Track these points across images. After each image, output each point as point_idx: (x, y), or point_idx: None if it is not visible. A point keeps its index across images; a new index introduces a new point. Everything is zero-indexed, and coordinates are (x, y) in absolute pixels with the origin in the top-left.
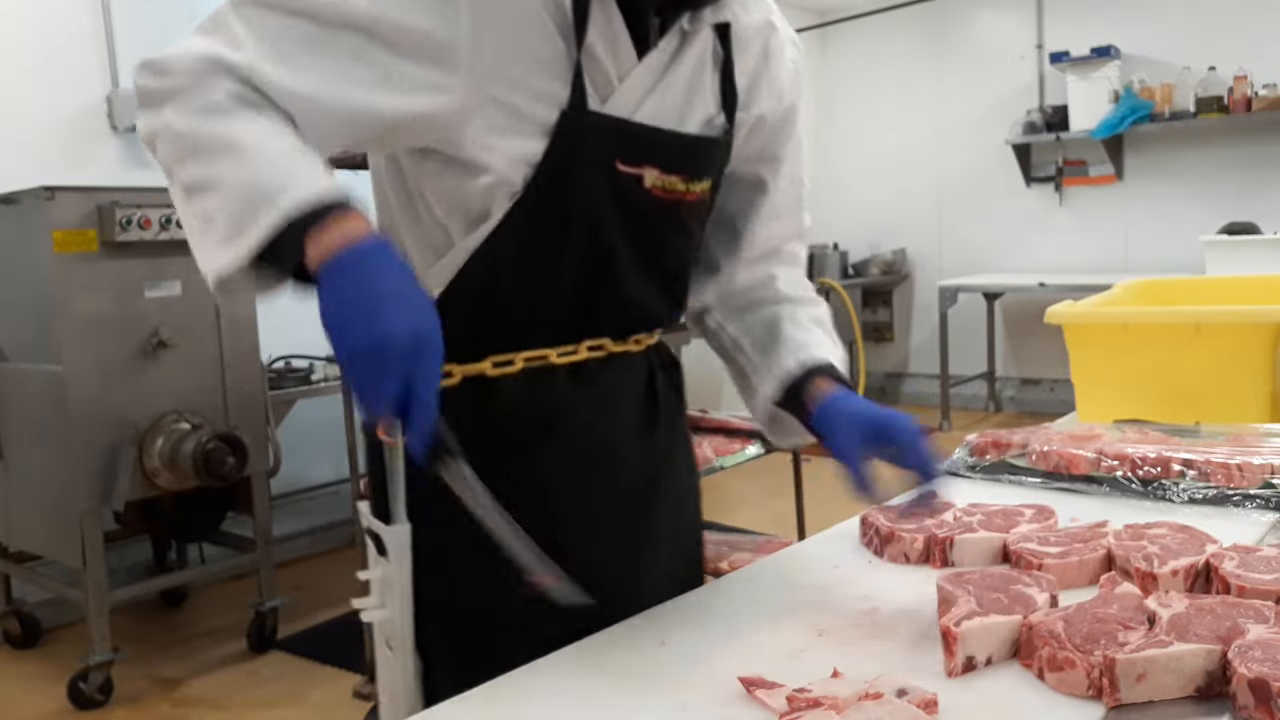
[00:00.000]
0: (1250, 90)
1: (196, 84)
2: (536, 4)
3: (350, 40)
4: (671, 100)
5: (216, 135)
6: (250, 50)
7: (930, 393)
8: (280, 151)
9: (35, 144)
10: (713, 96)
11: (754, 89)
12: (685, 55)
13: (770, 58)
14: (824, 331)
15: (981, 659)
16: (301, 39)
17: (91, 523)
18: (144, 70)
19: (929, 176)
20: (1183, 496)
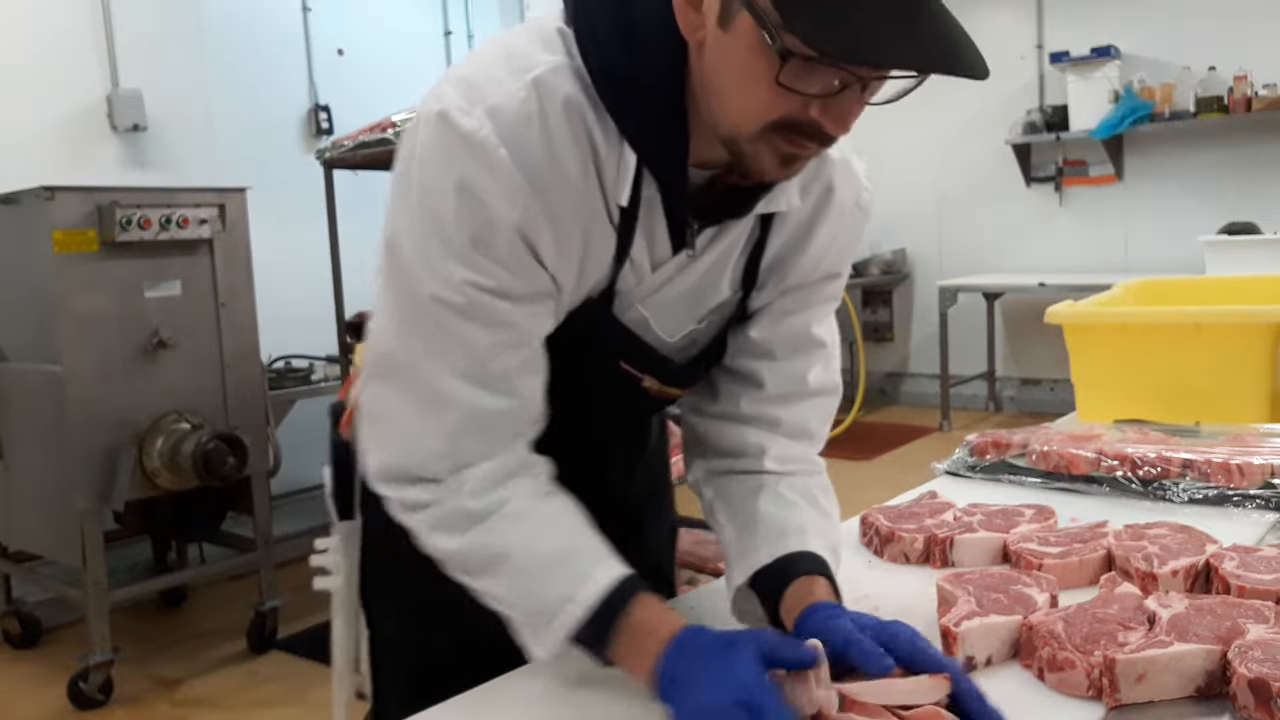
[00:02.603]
0: (1250, 90)
1: (439, 500)
2: (600, 207)
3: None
4: (684, 293)
5: (469, 549)
6: (450, 402)
7: (930, 393)
8: (547, 559)
9: (35, 144)
10: (731, 283)
11: (785, 264)
12: (717, 246)
13: (816, 228)
14: (811, 506)
15: (981, 659)
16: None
17: (91, 523)
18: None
19: (929, 176)
20: (1183, 496)
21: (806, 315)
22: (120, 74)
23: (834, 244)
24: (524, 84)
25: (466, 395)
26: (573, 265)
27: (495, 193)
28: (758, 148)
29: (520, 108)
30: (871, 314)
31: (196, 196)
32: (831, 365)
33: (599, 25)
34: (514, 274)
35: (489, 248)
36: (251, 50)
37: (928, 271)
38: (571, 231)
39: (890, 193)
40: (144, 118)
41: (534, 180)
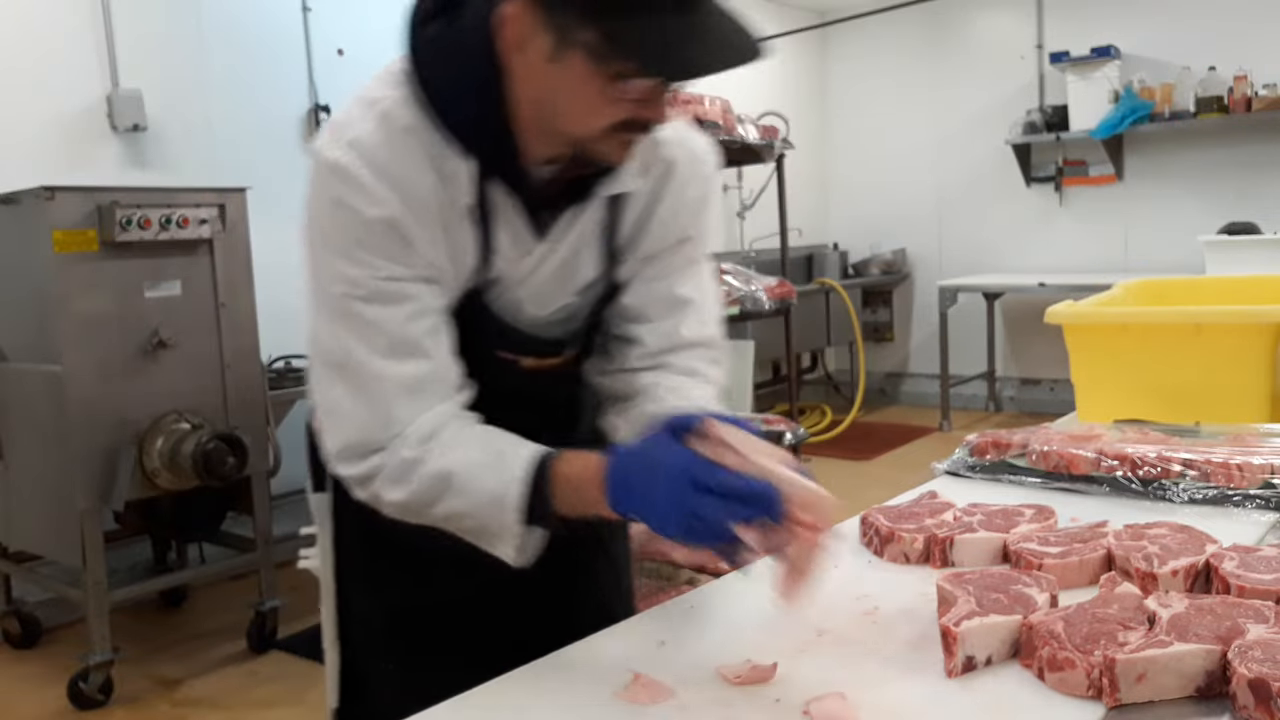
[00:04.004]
0: (1250, 90)
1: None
2: (470, 205)
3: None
4: (554, 273)
5: (420, 489)
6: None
7: (930, 393)
8: (481, 462)
9: (35, 144)
10: (595, 262)
11: (638, 236)
12: (575, 228)
13: (660, 200)
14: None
15: (981, 659)
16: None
17: (91, 523)
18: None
19: (929, 176)
20: (1183, 496)
21: (669, 280)
22: (120, 74)
23: (681, 212)
24: (373, 116)
25: (389, 369)
26: (443, 255)
27: (363, 201)
28: (602, 145)
29: (372, 135)
30: (871, 314)
31: (196, 196)
32: (705, 318)
33: (430, 61)
34: (397, 261)
35: (370, 245)
36: (251, 50)
37: (928, 271)
38: (433, 227)
39: (890, 193)
40: (144, 118)
41: (393, 186)
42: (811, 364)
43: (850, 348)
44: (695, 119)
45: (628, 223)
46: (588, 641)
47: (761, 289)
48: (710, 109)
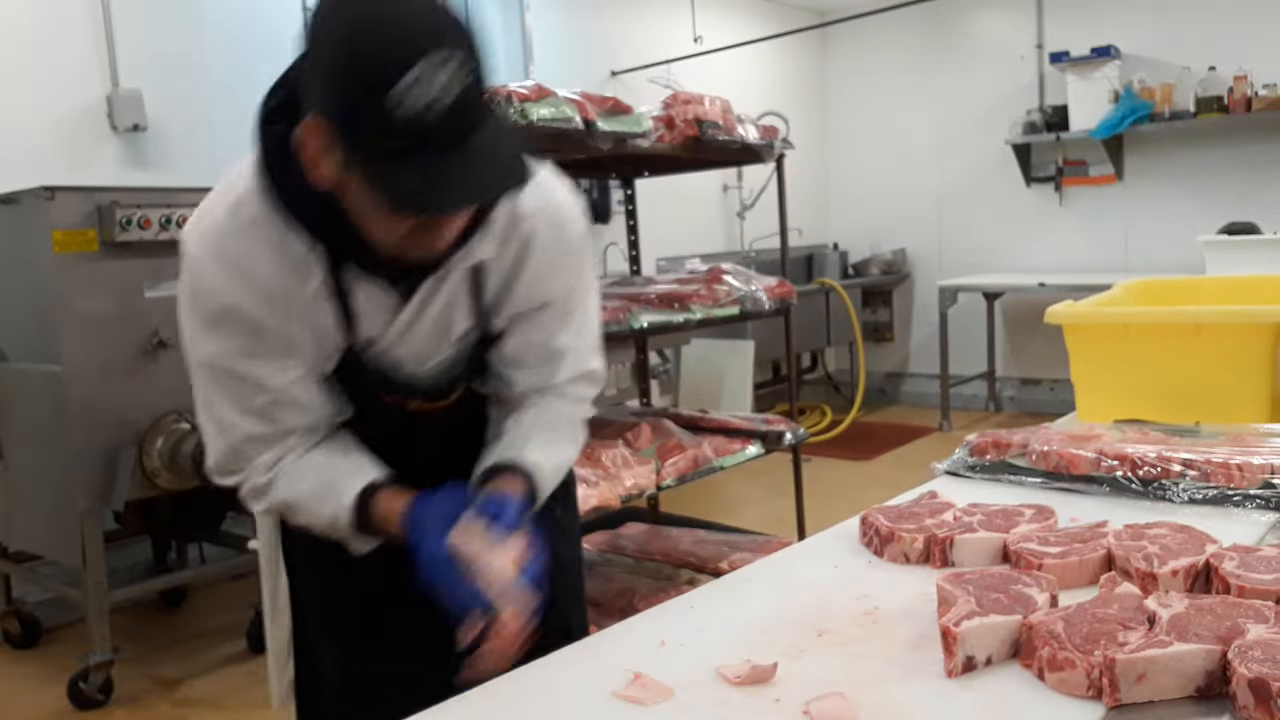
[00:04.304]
0: (1250, 90)
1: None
2: (318, 287)
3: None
4: (427, 333)
5: (274, 506)
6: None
7: (930, 393)
8: (316, 495)
9: (35, 144)
10: (466, 316)
11: (504, 298)
12: (441, 292)
13: (522, 269)
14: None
15: (981, 659)
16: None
17: (91, 523)
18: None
19: (929, 176)
20: (1183, 496)
21: (545, 332)
22: (120, 74)
23: (544, 278)
24: (225, 207)
25: (239, 421)
26: (304, 328)
27: (212, 289)
28: (405, 247)
29: (222, 226)
30: (871, 314)
31: (196, 196)
32: (582, 356)
33: (275, 159)
34: (244, 341)
35: (219, 327)
36: (251, 50)
37: (928, 271)
38: (283, 309)
39: (890, 193)
40: (144, 118)
41: (237, 276)
42: (811, 364)
43: (850, 348)
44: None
45: (491, 287)
46: (588, 641)
47: (761, 289)
48: (710, 109)
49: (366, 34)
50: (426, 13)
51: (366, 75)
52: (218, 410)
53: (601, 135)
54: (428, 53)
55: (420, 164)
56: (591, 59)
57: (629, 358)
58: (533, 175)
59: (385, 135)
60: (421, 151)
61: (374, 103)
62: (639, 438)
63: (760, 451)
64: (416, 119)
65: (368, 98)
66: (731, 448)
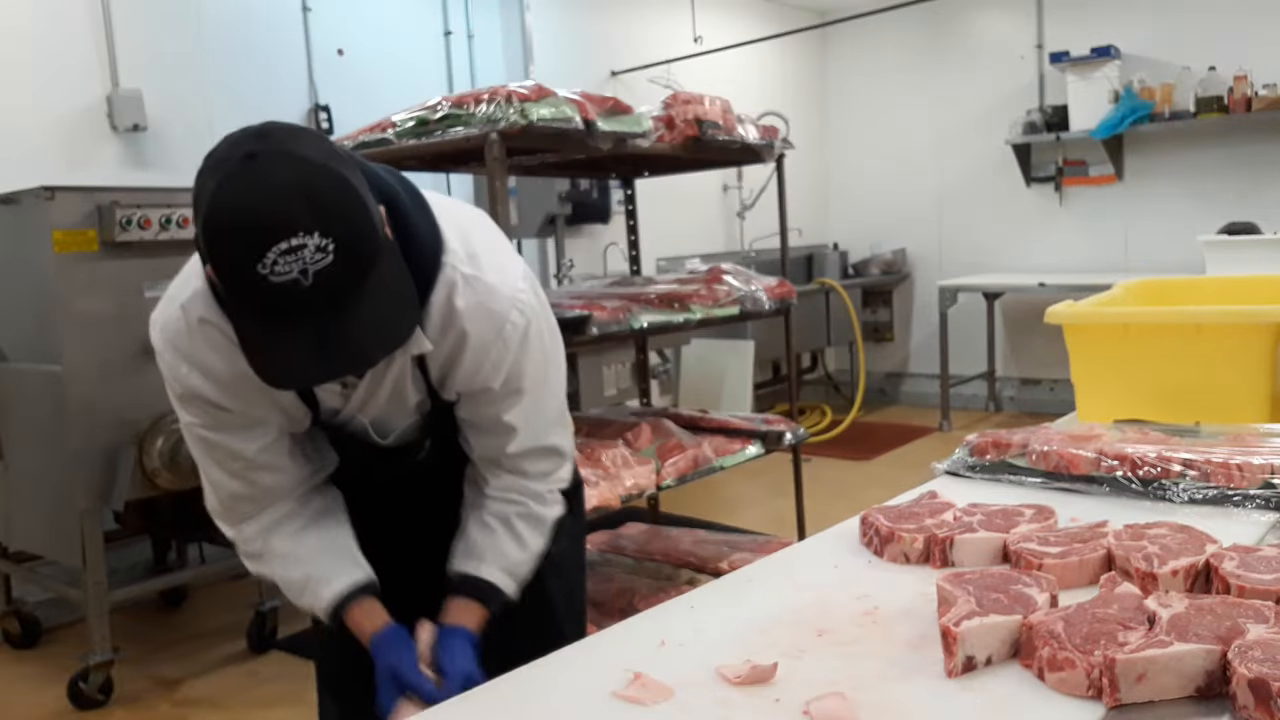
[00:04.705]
0: (1250, 90)
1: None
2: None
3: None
4: (385, 404)
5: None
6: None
7: (930, 393)
8: (298, 585)
9: (35, 144)
10: (417, 389)
11: (446, 381)
12: (388, 375)
13: (458, 363)
14: (506, 531)
15: (981, 659)
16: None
17: (91, 523)
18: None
19: (929, 176)
20: (1183, 496)
21: (494, 408)
22: (120, 74)
23: (482, 370)
24: (176, 309)
25: (224, 481)
26: (265, 406)
27: (172, 376)
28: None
29: (175, 325)
30: (871, 314)
31: None
32: (530, 436)
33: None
34: (211, 418)
35: (187, 402)
36: (251, 50)
37: (928, 271)
38: (240, 389)
39: (890, 193)
40: (144, 118)
41: (194, 366)
42: (811, 364)
43: (850, 348)
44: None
45: (434, 368)
46: (588, 641)
47: (761, 289)
48: (710, 109)
49: (220, 219)
50: (281, 192)
51: (224, 256)
52: (204, 465)
53: (601, 135)
54: (277, 240)
55: (281, 336)
56: (591, 59)
57: (629, 358)
58: (450, 264)
59: (246, 306)
60: (282, 323)
61: (233, 279)
62: (639, 438)
63: (760, 451)
64: (273, 296)
65: (228, 274)
66: (731, 448)
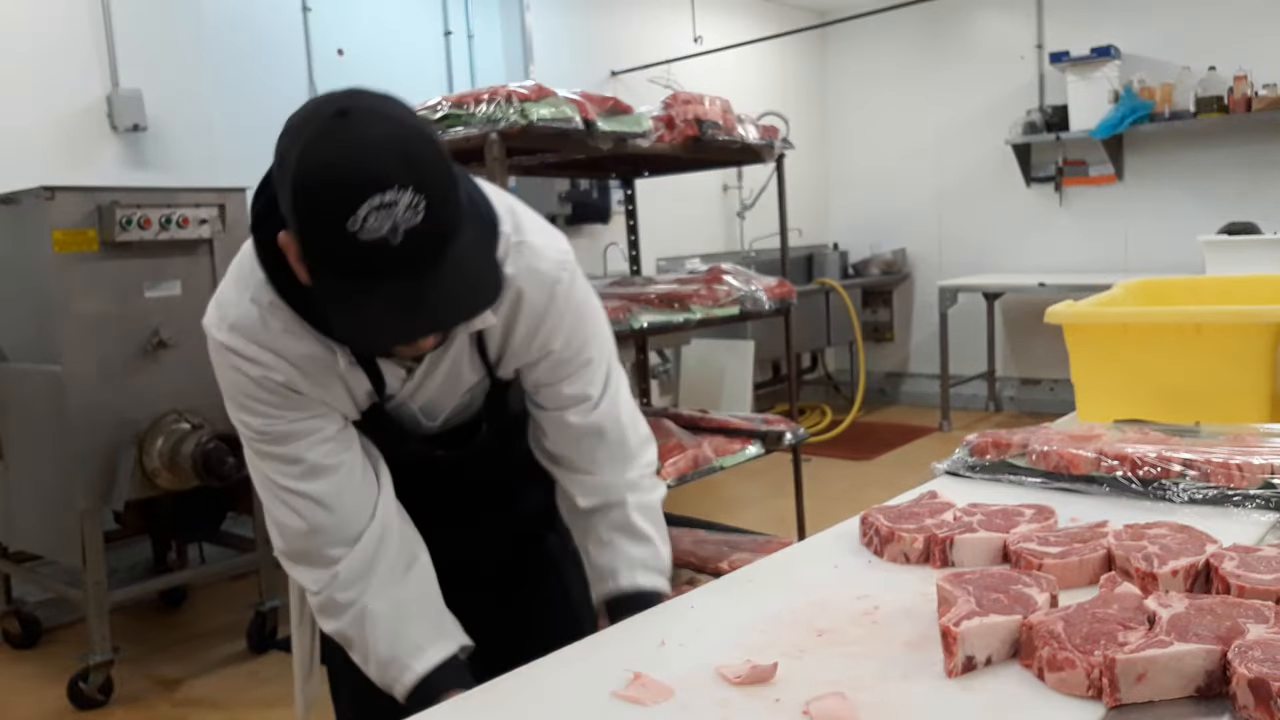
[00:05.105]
0: (1250, 90)
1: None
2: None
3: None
4: (438, 388)
5: (344, 631)
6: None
7: (930, 393)
8: (380, 660)
9: (35, 144)
10: (473, 370)
11: (505, 354)
12: (447, 355)
13: (514, 328)
14: (625, 538)
15: (981, 659)
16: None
17: (91, 523)
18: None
19: (929, 176)
20: (1183, 496)
21: (557, 384)
22: (120, 74)
23: (539, 333)
24: (246, 301)
25: (304, 485)
26: (339, 391)
27: (249, 367)
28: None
29: (248, 318)
30: (871, 314)
31: (196, 196)
32: (595, 413)
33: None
34: (288, 408)
35: (263, 399)
36: (251, 50)
37: (928, 271)
38: (321, 376)
39: (890, 193)
40: (144, 118)
41: (274, 353)
42: (811, 364)
43: (850, 348)
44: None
45: (492, 346)
46: (588, 641)
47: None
48: (710, 109)
49: (314, 173)
50: (375, 147)
51: (315, 211)
52: (282, 480)
53: (601, 135)
54: (371, 194)
55: (371, 295)
56: (591, 59)
57: (629, 358)
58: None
59: (334, 265)
60: (372, 282)
61: (322, 237)
62: None
63: (760, 451)
64: (363, 253)
65: (317, 232)
66: (731, 448)
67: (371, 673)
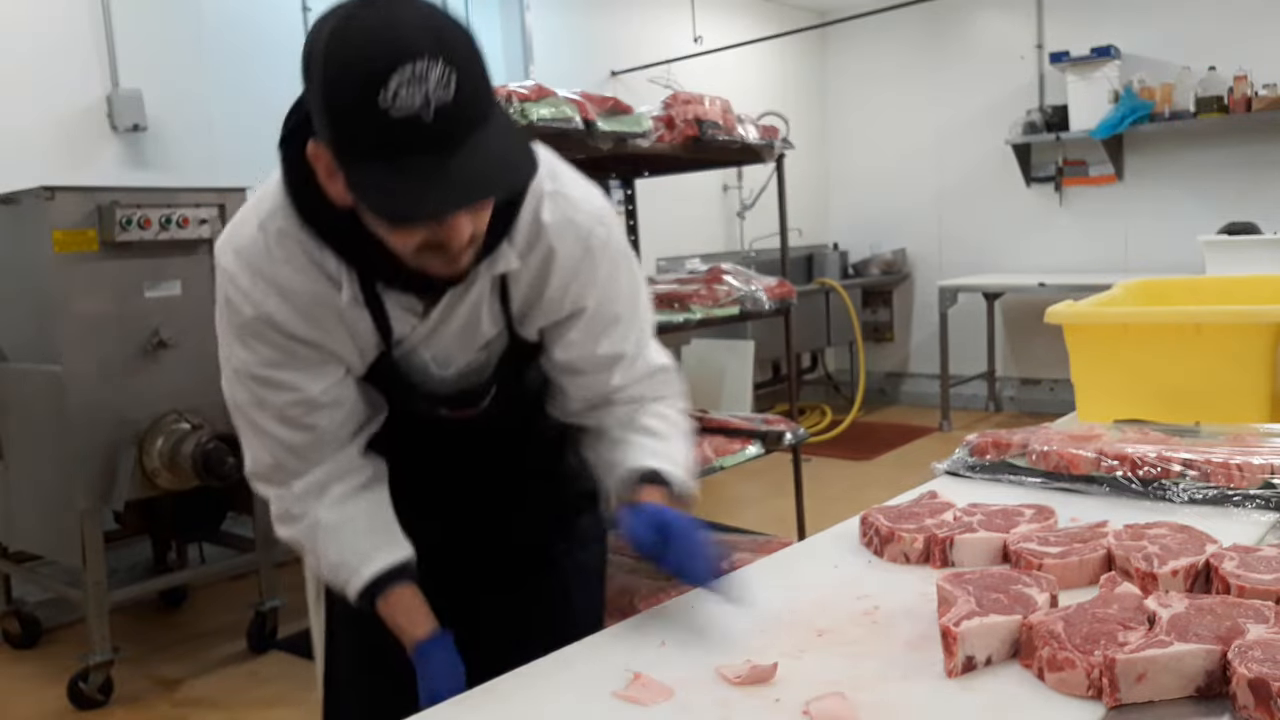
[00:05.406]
0: (1250, 90)
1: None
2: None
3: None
4: (454, 336)
5: (293, 542)
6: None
7: (930, 393)
8: (333, 563)
9: (35, 144)
10: (492, 322)
11: (532, 309)
12: (466, 299)
13: (546, 282)
14: (652, 435)
15: (981, 659)
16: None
17: (91, 523)
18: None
19: (929, 176)
20: (1183, 496)
21: (592, 343)
22: (120, 74)
23: (571, 289)
24: (255, 225)
25: (277, 430)
26: (339, 335)
27: (244, 301)
28: (419, 263)
29: (254, 243)
30: (871, 314)
31: (196, 196)
32: (634, 364)
33: (295, 178)
34: (278, 350)
35: (254, 335)
36: (251, 50)
37: (928, 271)
38: (320, 317)
39: (890, 192)
40: (144, 118)
41: (271, 288)
42: (811, 364)
43: (850, 348)
44: (695, 119)
45: (518, 296)
46: (588, 641)
47: (761, 289)
48: (710, 109)
49: (343, 49)
50: (406, 24)
51: (345, 88)
52: (253, 416)
53: (601, 135)
54: (402, 64)
55: (403, 172)
56: (591, 59)
57: None
58: (536, 180)
59: (365, 146)
60: (404, 159)
61: (353, 116)
62: None
63: (760, 451)
64: (394, 129)
65: (347, 111)
66: (731, 448)
67: (325, 575)
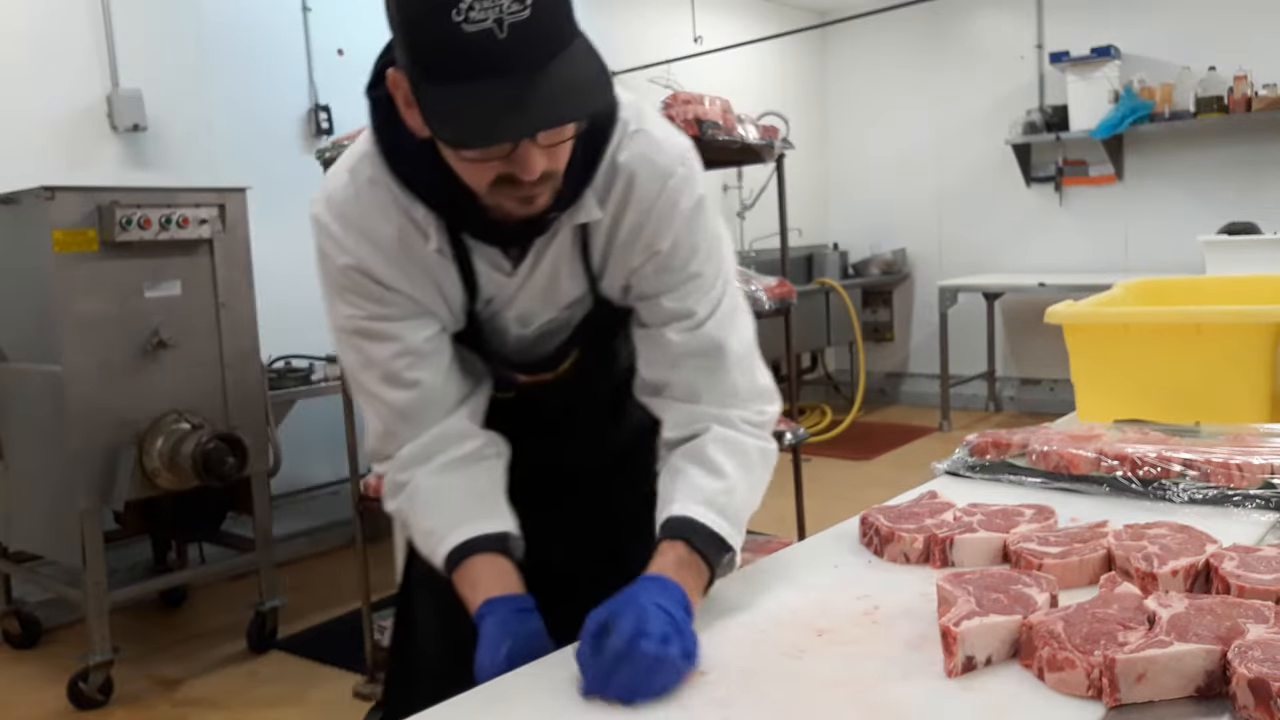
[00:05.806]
0: (1250, 90)
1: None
2: (438, 247)
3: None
4: (537, 293)
5: (395, 513)
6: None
7: (930, 393)
8: (424, 529)
9: (35, 144)
10: (575, 280)
11: (609, 256)
12: (549, 253)
13: (621, 221)
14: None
15: (981, 659)
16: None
17: (91, 523)
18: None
19: (929, 176)
20: (1183, 496)
21: (658, 296)
22: (120, 74)
23: (646, 227)
24: (345, 172)
25: (383, 392)
26: (429, 287)
27: (335, 251)
28: (494, 200)
29: (344, 190)
30: (871, 314)
31: (196, 196)
32: (700, 332)
33: (382, 123)
34: (375, 302)
35: (349, 288)
36: (251, 50)
37: (928, 271)
38: (409, 267)
39: (890, 192)
40: (144, 118)
41: (361, 236)
42: (811, 364)
43: (850, 348)
44: (695, 119)
45: (597, 246)
46: None
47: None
48: (710, 109)
49: None
50: None
51: (417, 11)
52: (362, 379)
53: None
54: None
55: (474, 95)
56: None
57: None
58: (614, 109)
59: (438, 66)
60: (476, 83)
61: (426, 29)
62: None
63: None
64: (467, 46)
65: (420, 25)
66: None
67: (419, 544)
